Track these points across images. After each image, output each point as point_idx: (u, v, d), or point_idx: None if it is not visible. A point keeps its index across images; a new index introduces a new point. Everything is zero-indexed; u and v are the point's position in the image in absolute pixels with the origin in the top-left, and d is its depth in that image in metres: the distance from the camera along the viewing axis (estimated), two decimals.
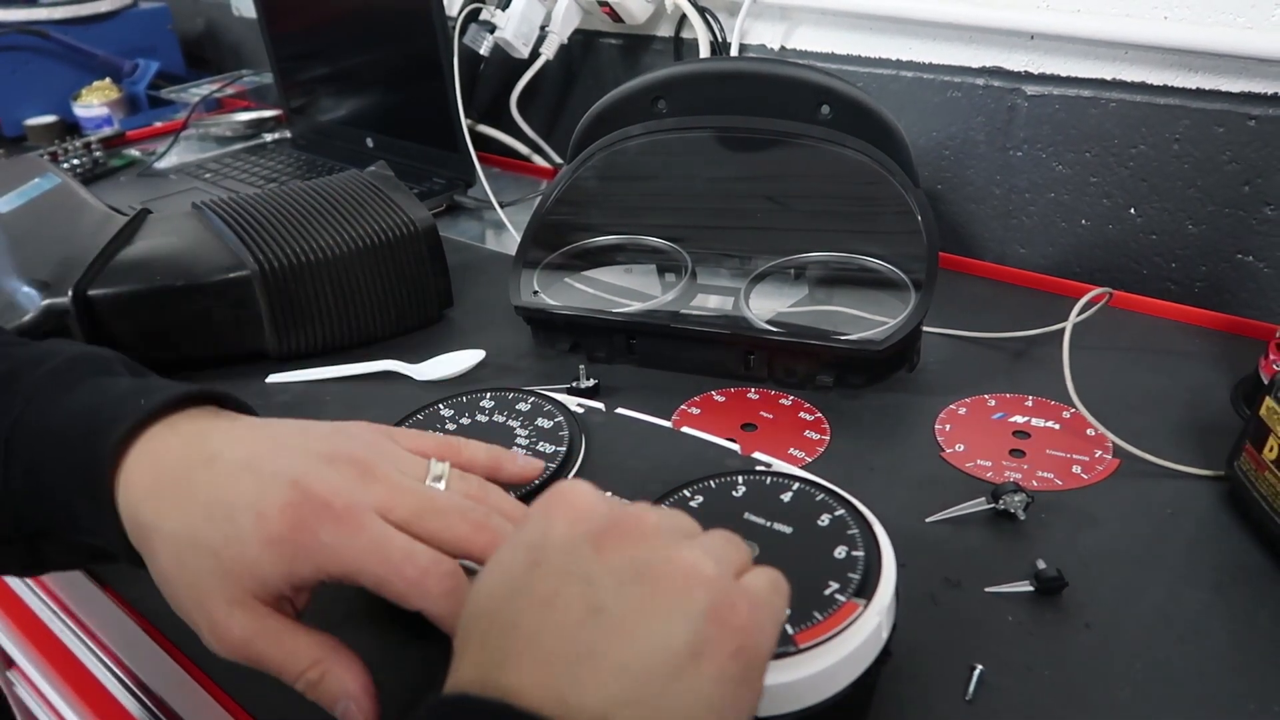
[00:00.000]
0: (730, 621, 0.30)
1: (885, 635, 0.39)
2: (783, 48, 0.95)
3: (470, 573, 0.37)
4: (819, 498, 0.44)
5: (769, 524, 0.43)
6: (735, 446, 0.49)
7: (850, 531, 0.42)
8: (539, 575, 0.31)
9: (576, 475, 0.49)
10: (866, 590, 0.39)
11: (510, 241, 0.96)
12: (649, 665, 0.29)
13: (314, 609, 0.39)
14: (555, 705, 0.28)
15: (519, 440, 0.51)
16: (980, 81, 0.82)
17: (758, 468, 0.47)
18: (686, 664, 0.29)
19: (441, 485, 0.41)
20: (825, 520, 0.43)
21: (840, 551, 0.41)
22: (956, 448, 0.60)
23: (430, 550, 0.37)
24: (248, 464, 0.37)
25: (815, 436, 0.61)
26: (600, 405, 0.54)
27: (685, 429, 0.52)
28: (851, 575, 0.40)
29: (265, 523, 0.36)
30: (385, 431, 0.43)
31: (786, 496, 0.44)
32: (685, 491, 0.46)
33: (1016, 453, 0.59)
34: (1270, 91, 0.69)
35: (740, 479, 0.46)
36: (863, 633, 0.37)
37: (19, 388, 0.41)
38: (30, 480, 0.39)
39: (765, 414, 0.64)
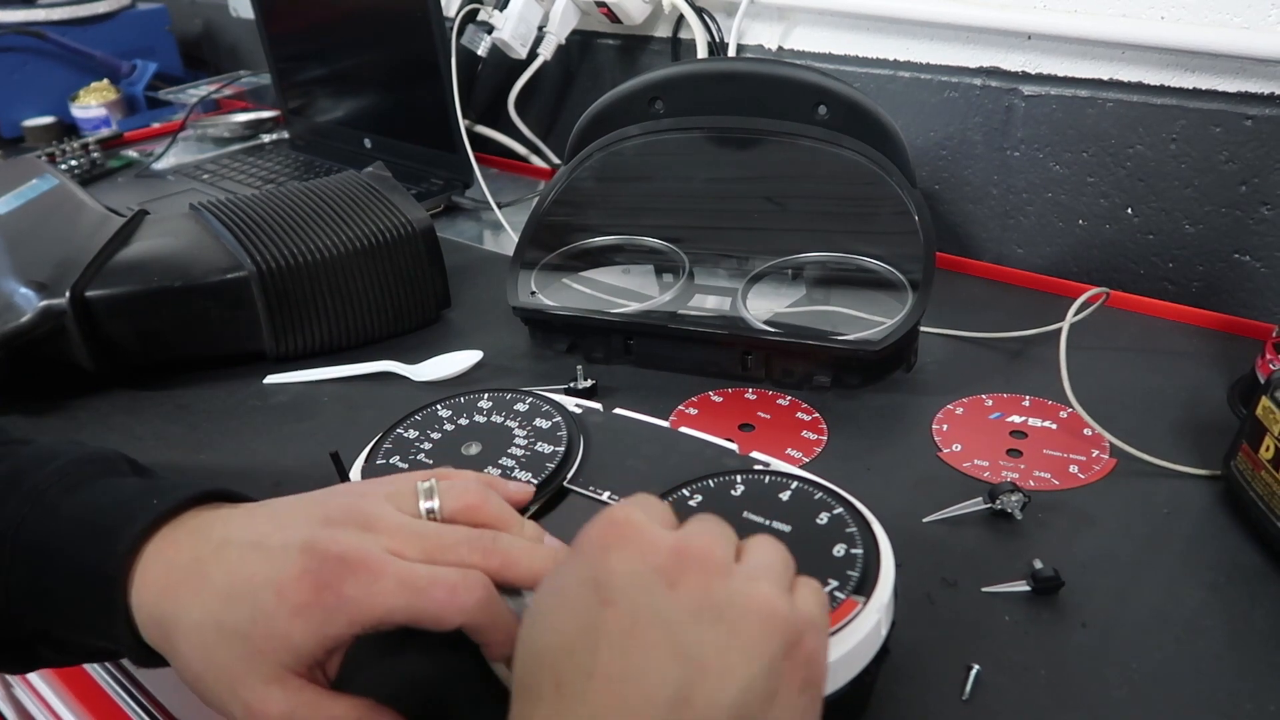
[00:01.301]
0: (798, 656, 0.31)
1: (884, 632, 0.39)
2: (780, 48, 0.95)
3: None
4: (817, 496, 0.44)
5: (768, 522, 0.43)
6: (733, 446, 0.49)
7: (849, 529, 0.42)
8: (613, 615, 0.31)
9: (575, 476, 0.49)
10: (865, 587, 0.39)
11: (508, 242, 0.96)
12: (736, 709, 0.29)
13: None
14: None
15: (517, 441, 0.51)
16: (978, 82, 0.83)
17: (756, 467, 0.47)
18: (766, 702, 0.30)
19: (435, 503, 0.41)
20: (824, 518, 0.43)
21: (839, 549, 0.41)
22: (954, 447, 0.60)
23: (453, 568, 0.37)
24: (255, 544, 0.38)
25: (812, 437, 0.61)
26: (598, 406, 0.54)
27: (683, 429, 0.52)
28: (850, 573, 0.40)
29: (287, 595, 0.36)
30: (368, 482, 0.43)
31: (785, 495, 0.45)
32: (684, 491, 0.46)
33: (1014, 452, 0.59)
34: (1267, 91, 0.70)
35: (739, 478, 0.46)
36: (862, 630, 0.38)
37: (22, 489, 0.41)
38: (33, 582, 0.39)
39: (763, 414, 0.64)
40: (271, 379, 0.71)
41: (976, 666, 0.44)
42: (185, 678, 0.37)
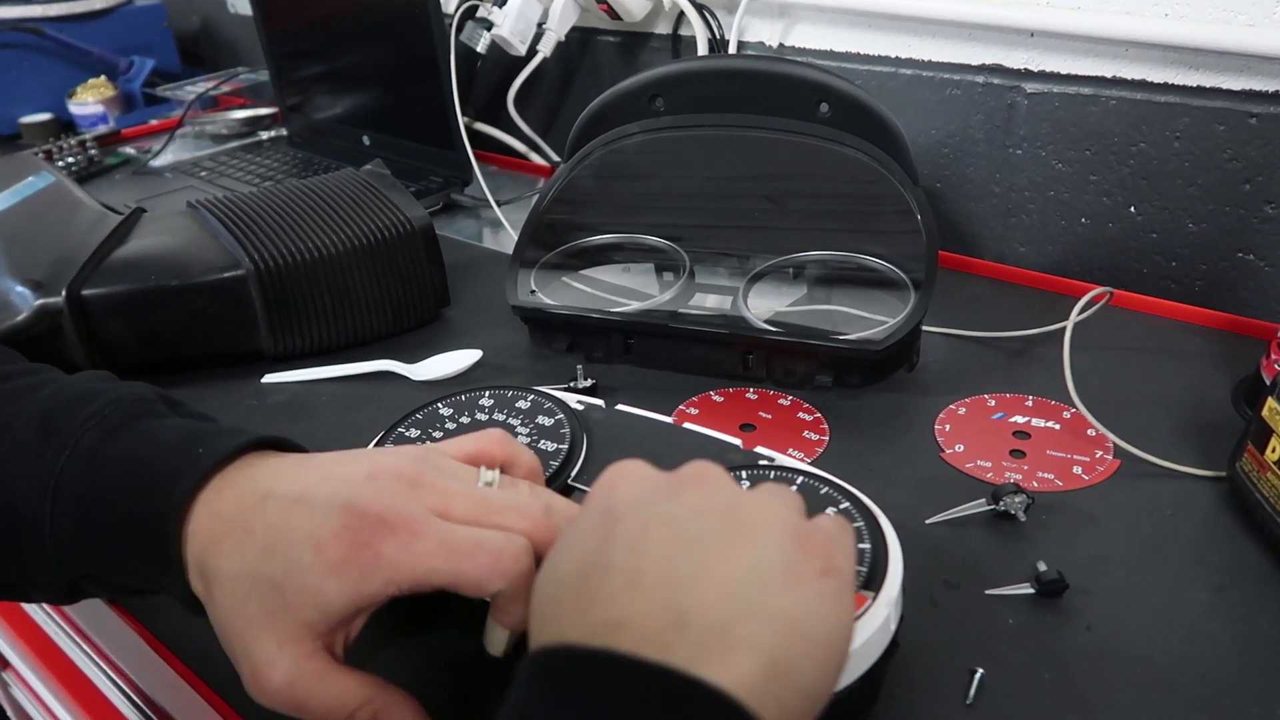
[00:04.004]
0: (811, 544, 0.32)
1: (893, 627, 0.39)
2: (781, 45, 0.95)
3: None
4: (824, 491, 0.44)
5: None
6: (737, 442, 0.49)
7: (856, 524, 0.42)
8: (622, 528, 0.32)
9: (579, 473, 0.49)
10: (874, 583, 0.39)
11: (507, 240, 0.95)
12: (752, 583, 0.30)
13: None
14: (672, 628, 0.28)
15: (520, 438, 0.51)
16: (980, 79, 0.82)
17: (760, 462, 0.47)
18: (784, 582, 0.31)
19: (495, 476, 0.41)
20: (831, 513, 0.43)
21: None
22: (956, 448, 0.59)
23: (497, 532, 0.37)
24: (298, 497, 0.37)
25: (814, 437, 0.61)
26: (600, 402, 0.54)
27: (686, 425, 0.51)
28: (859, 568, 0.40)
29: (325, 551, 0.35)
30: (428, 447, 0.43)
31: (791, 490, 0.44)
32: None
33: (1017, 453, 0.59)
34: (1271, 89, 0.69)
35: (744, 473, 0.46)
36: (872, 625, 0.37)
37: (60, 435, 0.40)
38: (79, 530, 0.39)
39: (764, 414, 0.64)
40: (269, 378, 0.70)
41: (980, 670, 0.43)
42: (216, 629, 0.37)
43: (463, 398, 0.54)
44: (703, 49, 0.97)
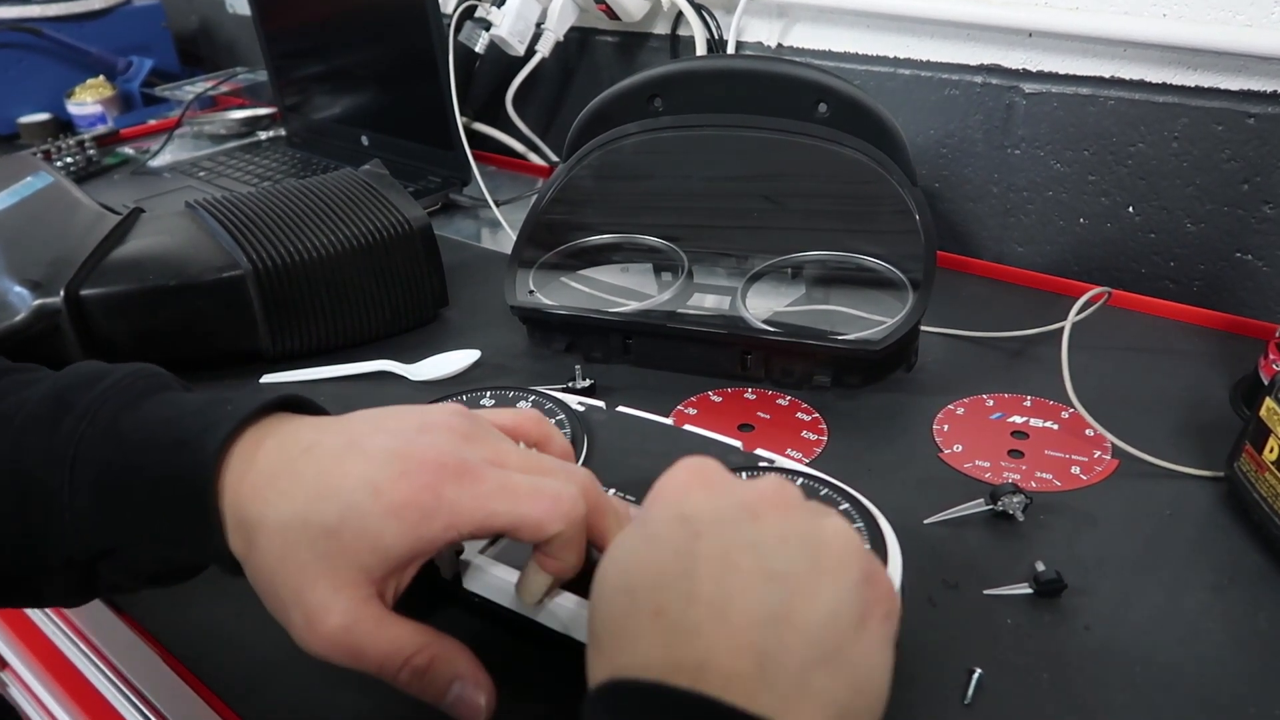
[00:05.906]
0: (880, 587, 0.33)
1: None
2: (779, 45, 0.95)
3: None
4: (823, 492, 0.44)
5: None
6: (737, 443, 0.49)
7: (856, 525, 0.42)
8: (705, 545, 0.31)
9: None
10: None
11: (506, 240, 0.95)
12: (830, 627, 0.30)
13: None
14: (754, 669, 0.29)
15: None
16: (978, 79, 0.82)
17: (760, 464, 0.47)
18: (857, 626, 0.31)
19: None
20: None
21: None
22: (955, 448, 0.59)
23: (553, 481, 0.37)
24: (349, 445, 0.36)
25: (812, 437, 0.61)
26: (601, 404, 0.54)
27: (687, 427, 0.51)
28: None
29: (383, 495, 0.35)
30: (470, 411, 0.42)
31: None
32: None
33: (1015, 453, 0.59)
34: (1269, 89, 0.69)
35: (744, 474, 0.46)
36: None
37: (76, 409, 0.38)
38: (102, 497, 0.37)
39: (762, 414, 0.64)
40: (268, 379, 0.70)
41: (978, 670, 0.43)
42: (256, 578, 0.36)
43: (464, 398, 0.55)
44: (701, 49, 0.97)
